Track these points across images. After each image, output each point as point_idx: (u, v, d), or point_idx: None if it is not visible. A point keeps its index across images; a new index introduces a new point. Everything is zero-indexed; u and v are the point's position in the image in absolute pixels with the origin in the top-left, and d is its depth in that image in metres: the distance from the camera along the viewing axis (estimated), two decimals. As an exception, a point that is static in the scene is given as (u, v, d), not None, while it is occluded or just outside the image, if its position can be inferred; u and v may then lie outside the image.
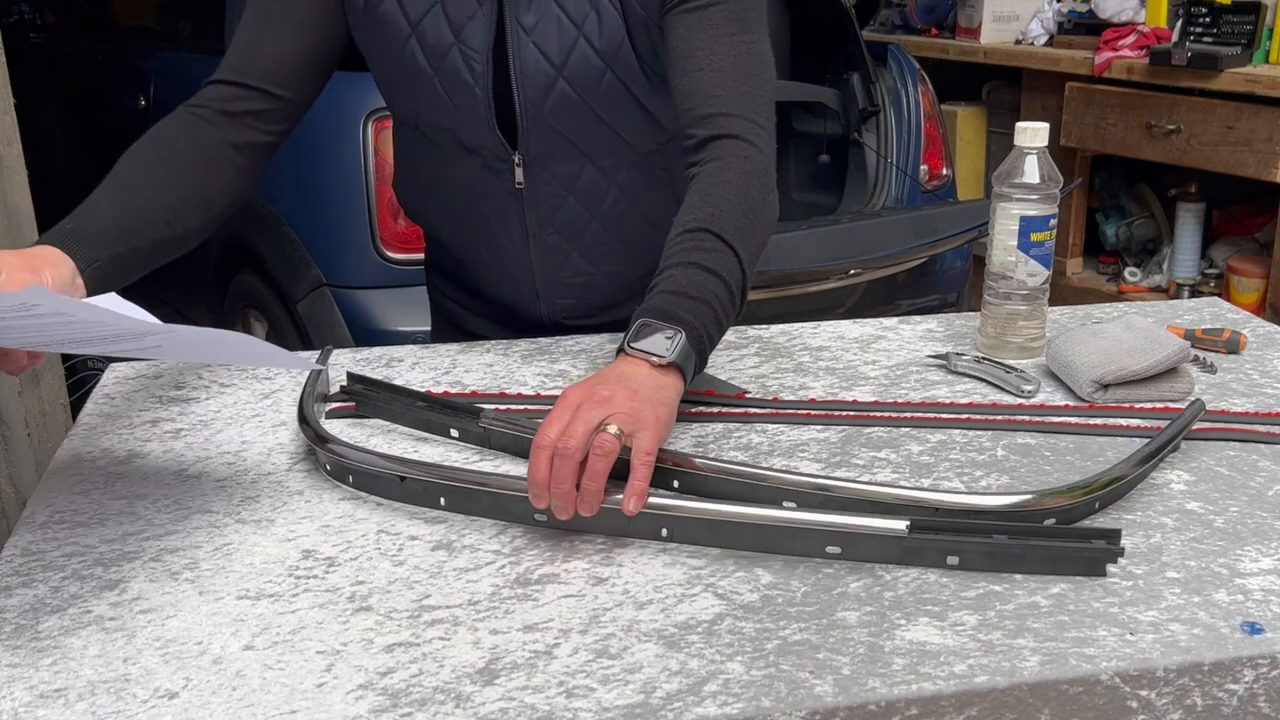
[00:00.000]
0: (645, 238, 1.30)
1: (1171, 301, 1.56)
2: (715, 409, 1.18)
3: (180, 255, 1.18)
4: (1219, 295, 3.26)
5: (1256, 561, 0.89)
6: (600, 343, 1.37)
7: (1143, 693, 0.78)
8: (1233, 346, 1.32)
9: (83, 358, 2.65)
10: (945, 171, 3.12)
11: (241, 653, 0.80)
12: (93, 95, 3.87)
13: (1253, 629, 0.80)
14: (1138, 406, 1.18)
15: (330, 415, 1.18)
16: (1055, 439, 1.11)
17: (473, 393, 1.22)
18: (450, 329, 1.50)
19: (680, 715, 0.73)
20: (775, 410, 1.18)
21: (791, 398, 1.21)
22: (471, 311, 1.46)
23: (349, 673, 0.77)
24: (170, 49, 3.46)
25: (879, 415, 1.16)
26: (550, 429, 0.90)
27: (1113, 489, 0.95)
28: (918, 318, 1.46)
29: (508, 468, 1.06)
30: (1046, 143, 1.25)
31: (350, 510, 0.99)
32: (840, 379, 1.26)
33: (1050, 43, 3.89)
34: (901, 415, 1.16)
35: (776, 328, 1.42)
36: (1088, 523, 0.95)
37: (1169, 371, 1.19)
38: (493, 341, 1.39)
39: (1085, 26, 3.80)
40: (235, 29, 1.26)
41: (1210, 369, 1.27)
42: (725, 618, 0.83)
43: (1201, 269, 3.71)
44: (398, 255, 2.40)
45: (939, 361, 1.30)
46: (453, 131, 1.28)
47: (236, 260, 2.81)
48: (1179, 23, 3.52)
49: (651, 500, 0.91)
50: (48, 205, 2.42)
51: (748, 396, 1.21)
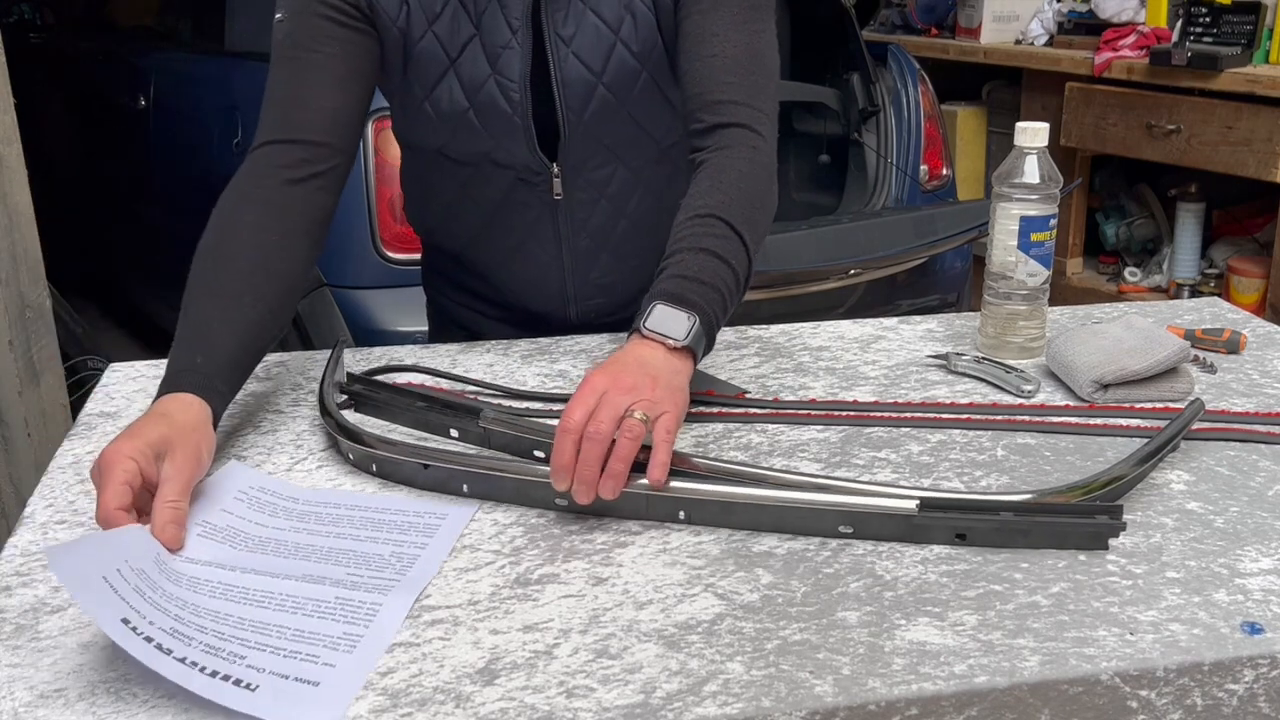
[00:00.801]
0: (667, 230, 1.28)
1: (1171, 301, 1.56)
2: (715, 409, 1.18)
3: None
4: (1219, 295, 3.26)
5: (1256, 561, 0.89)
6: (600, 343, 1.37)
7: (1143, 693, 0.78)
8: (1233, 346, 1.32)
9: (83, 357, 2.65)
10: (945, 171, 3.12)
11: (242, 653, 0.80)
12: (93, 95, 3.87)
13: (1253, 629, 0.80)
14: (1138, 406, 1.18)
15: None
16: (1055, 439, 1.11)
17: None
18: (455, 330, 1.48)
19: (680, 715, 0.73)
20: (775, 410, 1.18)
21: (791, 398, 1.21)
22: (486, 316, 1.45)
23: (349, 673, 0.77)
24: (170, 49, 3.47)
25: (879, 415, 1.16)
26: (575, 413, 0.92)
27: (1113, 489, 0.95)
28: (918, 318, 1.46)
29: (508, 468, 1.06)
30: (1046, 143, 1.25)
31: (350, 510, 0.99)
32: (840, 379, 1.26)
33: (1050, 43, 3.89)
34: (901, 415, 1.16)
35: (776, 328, 1.42)
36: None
37: (1169, 371, 1.19)
38: (492, 341, 1.39)
39: (1085, 26, 3.80)
40: (269, 88, 1.21)
41: (1210, 369, 1.27)
42: (725, 618, 0.83)
43: (1201, 269, 3.71)
44: (398, 255, 2.40)
45: (939, 361, 1.30)
46: (486, 154, 1.28)
47: (236, 260, 2.80)
48: (1179, 23, 3.52)
49: (670, 484, 0.94)
50: (48, 205, 2.43)
51: (748, 396, 1.21)
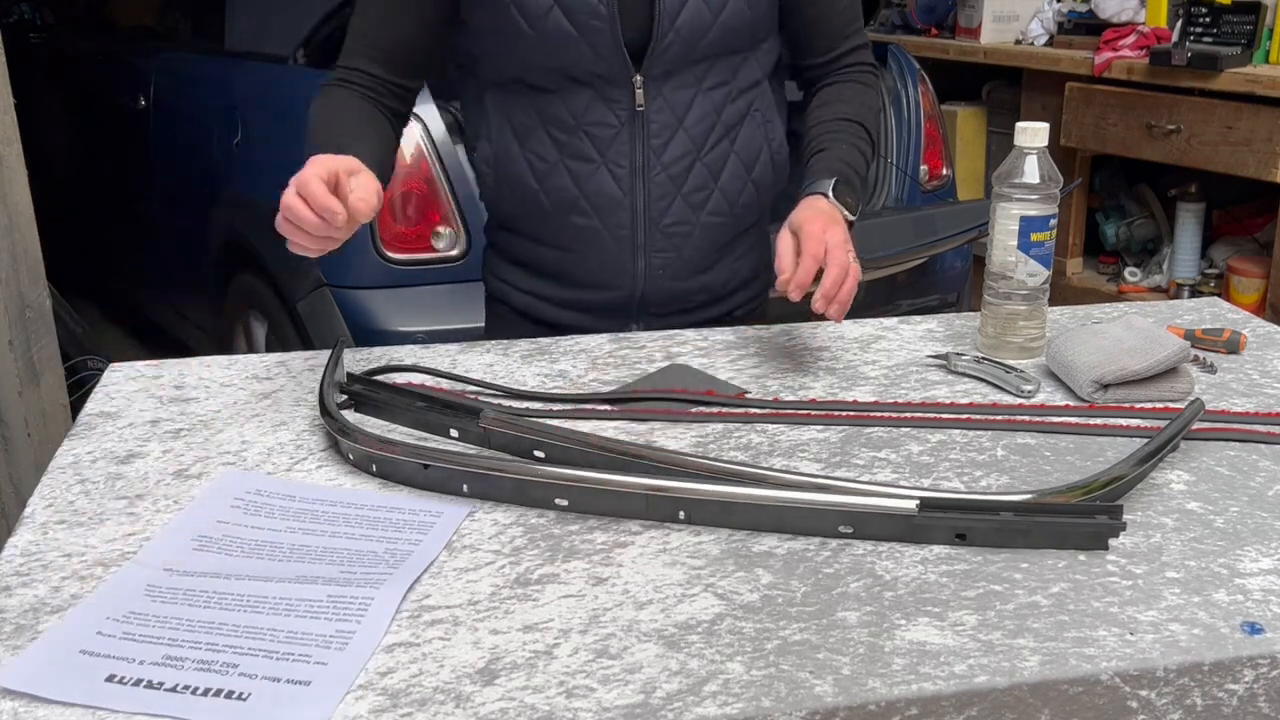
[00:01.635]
0: (738, 190, 1.40)
1: (1171, 301, 1.56)
2: (715, 409, 1.18)
3: None
4: (1219, 295, 3.26)
5: (1256, 561, 0.89)
6: (600, 343, 1.37)
7: (1143, 693, 0.78)
8: (1233, 346, 1.32)
9: (83, 357, 2.65)
10: (945, 171, 3.11)
11: (241, 653, 0.80)
12: (93, 95, 3.87)
13: (1253, 629, 0.80)
14: (1138, 406, 1.18)
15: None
16: (1055, 439, 1.11)
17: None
18: (516, 322, 1.48)
19: (680, 715, 0.73)
20: (775, 410, 1.18)
21: (791, 398, 1.21)
22: (551, 302, 1.44)
23: (349, 673, 0.77)
24: (170, 49, 3.47)
25: (879, 415, 1.16)
26: (815, 246, 1.20)
27: (1113, 489, 0.95)
28: (918, 318, 1.46)
29: (508, 468, 1.06)
30: (1046, 143, 1.25)
31: (350, 510, 0.99)
32: (840, 379, 1.26)
33: (1050, 43, 3.89)
34: (901, 415, 1.16)
35: (777, 328, 1.42)
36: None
37: (1169, 371, 1.19)
38: (492, 342, 1.39)
39: (1085, 26, 3.80)
40: (358, 10, 1.37)
41: (1210, 369, 1.27)
42: (725, 618, 0.83)
43: (1201, 269, 3.71)
44: (398, 255, 2.40)
45: (939, 361, 1.30)
46: (562, 70, 1.31)
47: (236, 260, 2.81)
48: (1179, 23, 3.52)
49: (668, 484, 0.95)
50: (48, 205, 2.43)
51: (748, 396, 1.21)
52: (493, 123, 1.39)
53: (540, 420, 1.11)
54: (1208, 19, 3.45)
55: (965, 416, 1.16)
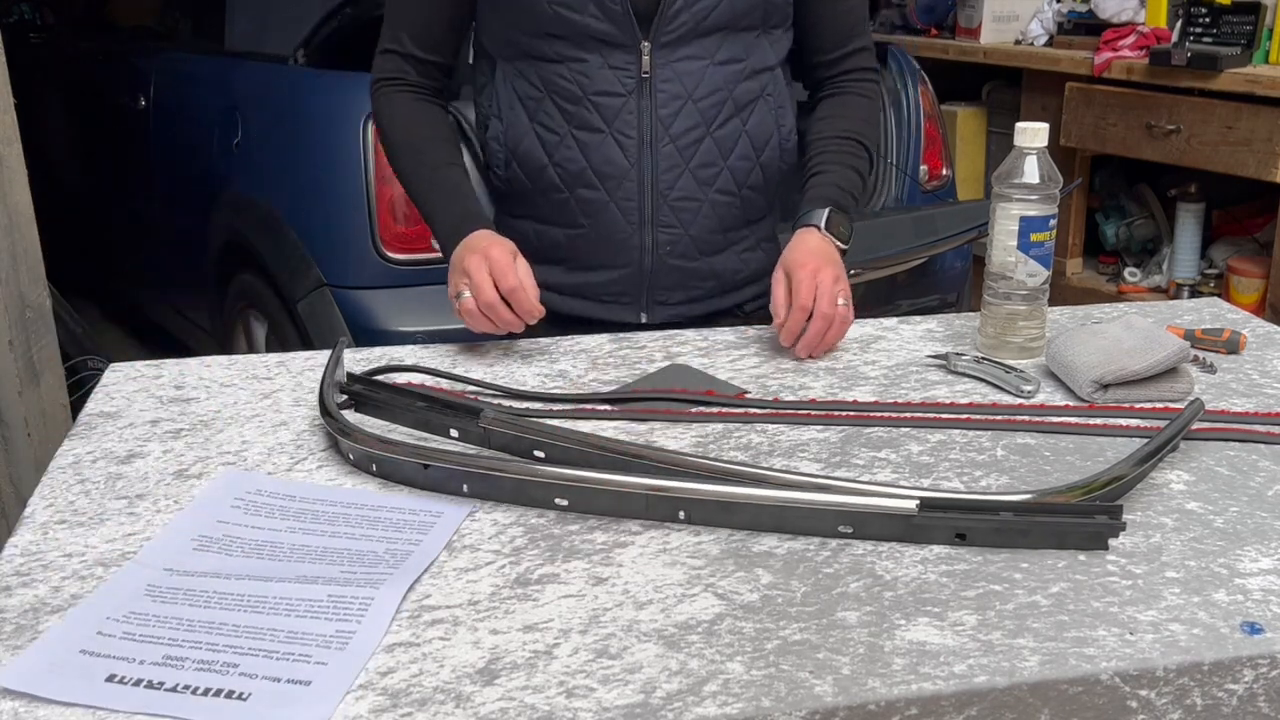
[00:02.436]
0: (746, 170, 1.42)
1: (1171, 301, 1.56)
2: (715, 409, 1.18)
3: None
4: (1219, 295, 3.26)
5: (1256, 561, 0.89)
6: (600, 343, 1.37)
7: (1142, 692, 0.78)
8: (1232, 346, 1.32)
9: (83, 357, 2.65)
10: (945, 171, 3.11)
11: (241, 653, 0.80)
12: (93, 95, 3.87)
13: (1252, 629, 0.80)
14: (1137, 406, 1.18)
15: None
16: (1055, 439, 1.11)
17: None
18: None
19: (680, 715, 0.73)
20: (775, 410, 1.18)
21: (791, 398, 1.21)
22: (559, 291, 1.45)
23: (349, 673, 0.77)
24: (170, 49, 3.47)
25: (879, 415, 1.16)
26: (805, 296, 1.28)
27: (1112, 489, 0.95)
28: (918, 318, 1.46)
29: (508, 468, 1.06)
30: (1046, 143, 1.25)
31: (350, 510, 0.99)
32: (840, 379, 1.26)
33: (1050, 43, 3.89)
34: (901, 415, 1.16)
35: (776, 328, 1.42)
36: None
37: (1169, 371, 1.19)
38: (492, 342, 1.39)
39: (1085, 27, 3.80)
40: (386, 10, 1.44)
41: (1210, 369, 1.27)
42: (725, 618, 0.83)
43: (1201, 269, 3.71)
44: (398, 255, 2.40)
45: (939, 361, 1.30)
46: (570, 37, 1.33)
47: (236, 260, 2.81)
48: (1179, 23, 3.51)
49: (668, 484, 0.95)
50: (48, 205, 2.43)
51: (748, 396, 1.21)
52: (503, 98, 1.41)
53: (540, 420, 1.11)
54: (1207, 19, 3.45)
55: (965, 416, 1.16)
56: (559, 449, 1.04)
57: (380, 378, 1.22)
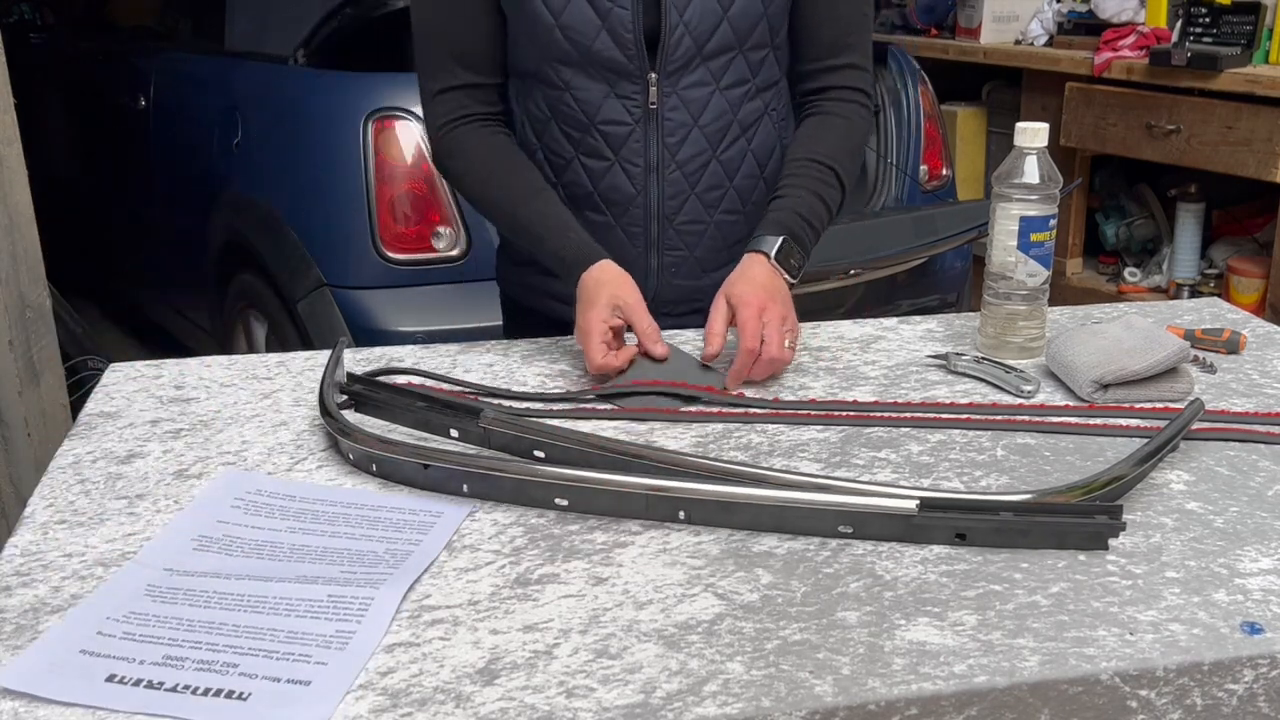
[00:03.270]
0: (751, 189, 1.41)
1: (1171, 301, 1.56)
2: (715, 409, 1.18)
3: None
4: (1219, 295, 3.26)
5: (1256, 561, 0.89)
6: (600, 343, 1.37)
7: (1142, 692, 0.78)
8: (1232, 346, 1.32)
9: (83, 357, 2.65)
10: (945, 171, 3.11)
11: (241, 653, 0.79)
12: (93, 95, 3.87)
13: (1252, 629, 0.80)
14: (1137, 406, 1.18)
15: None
16: (1055, 439, 1.11)
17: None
18: (533, 323, 1.47)
19: (680, 715, 0.73)
20: (775, 410, 1.18)
21: (791, 398, 1.21)
22: (564, 301, 1.41)
23: (349, 673, 0.77)
24: (170, 49, 3.47)
25: (879, 415, 1.16)
26: (750, 340, 1.21)
27: (1112, 489, 0.95)
28: (918, 318, 1.46)
29: (508, 468, 1.06)
30: (1046, 143, 1.25)
31: (350, 510, 0.99)
32: (840, 379, 1.26)
33: (1050, 43, 3.89)
34: (901, 415, 1.16)
35: (776, 328, 1.42)
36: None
37: (1169, 371, 1.19)
38: (492, 342, 1.39)
39: (1085, 27, 3.80)
40: (417, 36, 1.37)
41: (1210, 369, 1.27)
42: (725, 618, 0.83)
43: (1201, 269, 3.71)
44: (398, 255, 2.40)
45: (939, 361, 1.30)
46: (580, 63, 1.31)
47: (236, 260, 2.81)
48: (1179, 23, 3.51)
49: (668, 484, 0.95)
50: (48, 205, 2.43)
51: (747, 397, 1.21)
52: (516, 115, 1.41)
53: (540, 420, 1.11)
54: (1207, 19, 3.45)
55: (965, 416, 1.16)
56: (559, 449, 1.04)
57: (380, 378, 1.22)
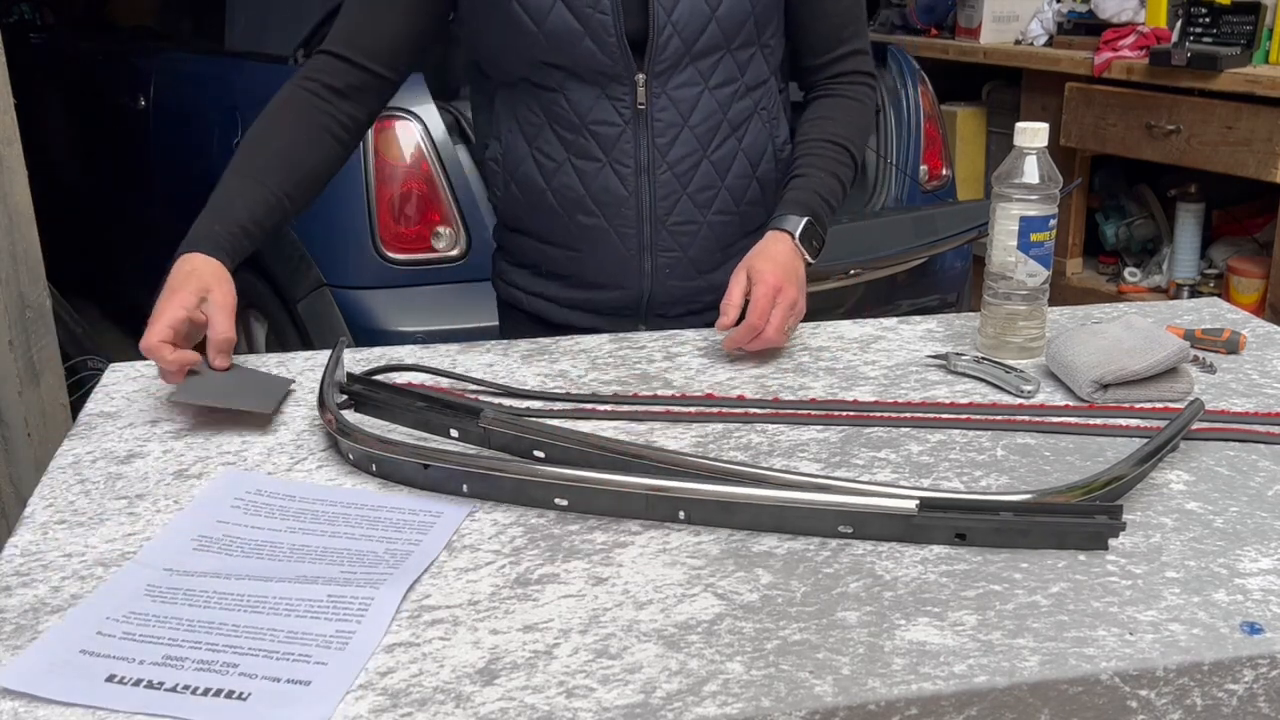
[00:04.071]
0: (744, 188, 1.41)
1: (1171, 301, 1.56)
2: (715, 409, 1.18)
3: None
4: (1219, 295, 3.26)
5: (1256, 561, 0.89)
6: (600, 343, 1.37)
7: (1142, 693, 0.78)
8: (1232, 346, 1.32)
9: (83, 357, 2.65)
10: (945, 172, 3.11)
11: (241, 653, 0.79)
12: (93, 95, 3.87)
13: (1252, 629, 0.80)
14: (1137, 406, 1.18)
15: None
16: (1055, 439, 1.11)
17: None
18: (529, 325, 1.48)
19: (680, 715, 0.73)
20: (775, 410, 1.18)
21: (791, 398, 1.21)
22: (559, 303, 1.45)
23: (349, 673, 0.77)
24: (170, 49, 3.47)
25: (879, 415, 1.16)
26: (757, 316, 1.25)
27: (1112, 489, 0.95)
28: (918, 318, 1.46)
29: (508, 468, 1.06)
30: (1046, 143, 1.25)
31: (350, 510, 0.99)
32: (840, 379, 1.26)
33: (1050, 43, 3.89)
34: (901, 415, 1.16)
35: (776, 328, 1.42)
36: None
37: (1169, 371, 1.19)
38: (492, 342, 1.39)
39: (1085, 27, 3.80)
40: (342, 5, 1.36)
41: (1210, 369, 1.27)
42: (725, 618, 0.83)
43: (1201, 269, 3.71)
44: (398, 255, 2.40)
45: (939, 361, 1.30)
46: (566, 68, 1.31)
47: (236, 260, 2.80)
48: (1179, 23, 3.51)
49: (668, 484, 0.95)
50: (48, 205, 2.43)
51: (748, 397, 1.21)
52: (503, 122, 1.39)
53: (540, 420, 1.11)
54: (1207, 19, 3.45)
55: (965, 416, 1.16)
56: (559, 449, 1.04)
57: (380, 377, 1.22)
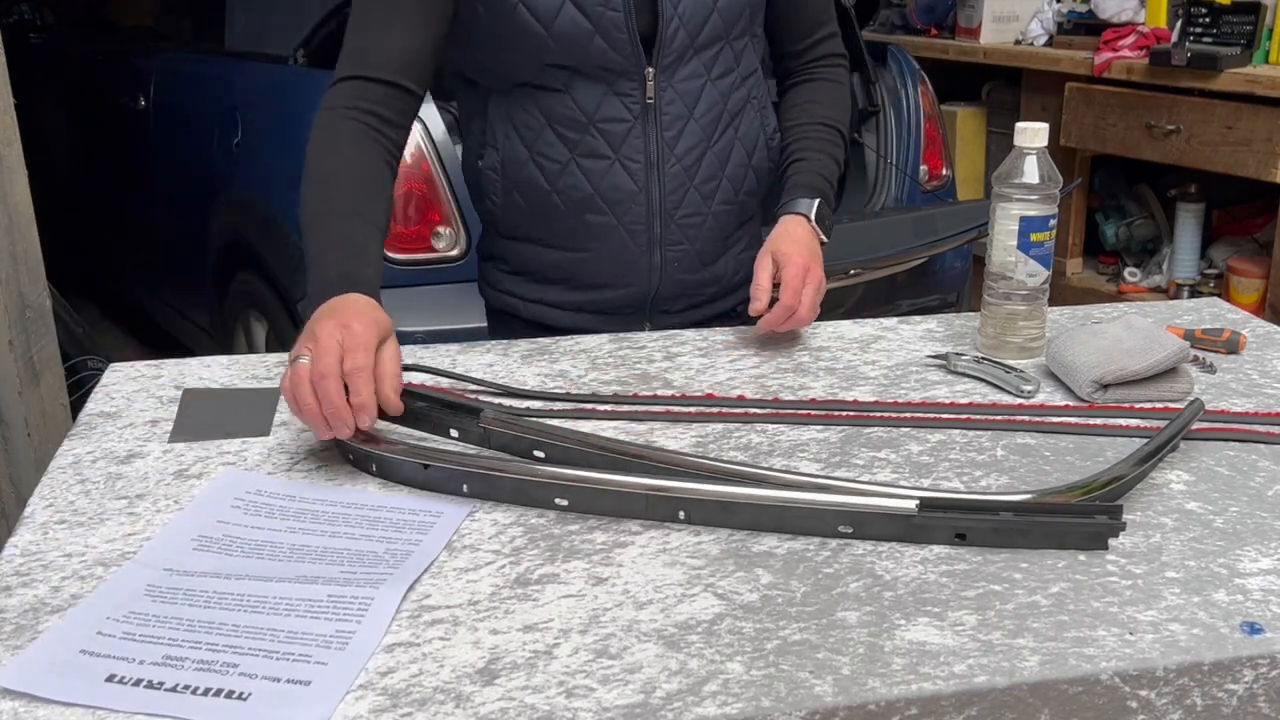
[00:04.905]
0: (742, 178, 1.43)
1: (1171, 301, 1.56)
2: (715, 409, 1.18)
3: None
4: (1219, 295, 3.26)
5: (1256, 561, 0.89)
6: (600, 343, 1.37)
7: (1142, 693, 0.78)
8: (1232, 346, 1.32)
9: (83, 357, 2.65)
10: (945, 172, 3.11)
11: (241, 653, 0.79)
12: (93, 95, 3.87)
13: (1252, 629, 0.80)
14: (1137, 406, 1.18)
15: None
16: (1055, 439, 1.11)
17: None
18: (527, 333, 1.44)
19: (680, 715, 0.73)
20: (775, 410, 1.18)
21: (791, 398, 1.21)
22: (562, 308, 1.43)
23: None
24: (170, 49, 3.47)
25: (879, 415, 1.16)
26: (789, 295, 1.28)
27: (1112, 489, 0.95)
28: (918, 318, 1.46)
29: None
30: (1046, 143, 1.25)
31: (350, 510, 0.99)
32: (840, 379, 1.26)
33: (1050, 43, 3.89)
34: (901, 415, 1.16)
35: (776, 328, 1.42)
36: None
37: (1169, 371, 1.19)
38: (492, 342, 1.39)
39: (1085, 27, 3.80)
40: (351, 24, 1.29)
41: (1210, 369, 1.27)
42: (725, 618, 0.83)
43: (1201, 269, 3.71)
44: (398, 255, 2.40)
45: (939, 361, 1.30)
46: (575, 67, 1.30)
47: (236, 260, 2.81)
48: (1179, 23, 3.52)
49: (668, 484, 0.95)
50: (48, 205, 2.43)
51: (748, 397, 1.21)
52: (498, 130, 1.37)
53: (540, 420, 1.11)
54: (1207, 19, 3.45)
55: (965, 416, 1.16)
56: (559, 449, 1.04)
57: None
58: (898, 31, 4.36)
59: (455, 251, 2.41)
